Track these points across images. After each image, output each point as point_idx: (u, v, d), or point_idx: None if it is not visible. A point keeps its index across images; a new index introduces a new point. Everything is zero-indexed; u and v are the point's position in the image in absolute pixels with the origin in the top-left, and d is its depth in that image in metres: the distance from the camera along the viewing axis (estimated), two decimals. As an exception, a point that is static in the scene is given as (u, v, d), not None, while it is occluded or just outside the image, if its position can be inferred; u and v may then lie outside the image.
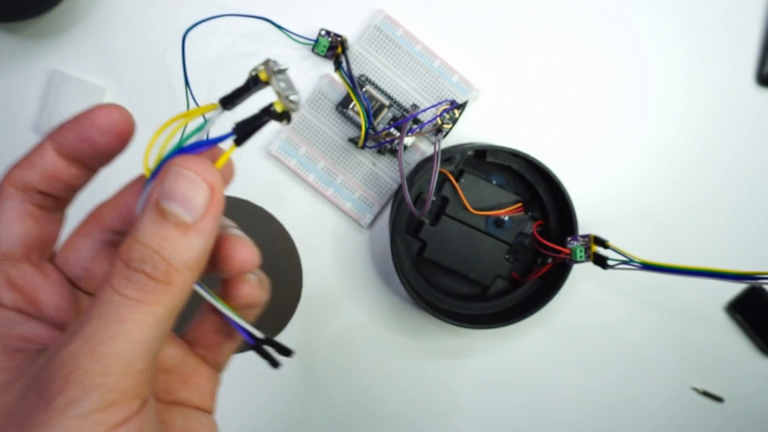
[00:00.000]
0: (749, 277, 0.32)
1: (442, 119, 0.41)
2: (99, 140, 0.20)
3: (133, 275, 0.17)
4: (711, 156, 0.45)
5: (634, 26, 0.44)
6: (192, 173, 0.17)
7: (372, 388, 0.46)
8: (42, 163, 0.20)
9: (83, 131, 0.20)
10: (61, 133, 0.20)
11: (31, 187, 0.20)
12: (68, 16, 0.42)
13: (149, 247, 0.17)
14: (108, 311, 0.16)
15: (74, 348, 0.16)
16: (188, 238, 0.17)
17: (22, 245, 0.20)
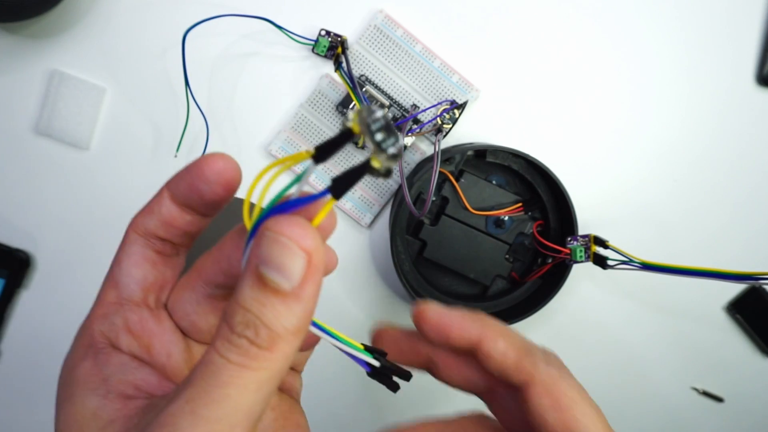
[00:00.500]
0: (749, 278, 0.32)
1: (442, 119, 0.41)
2: (205, 190, 0.20)
3: (236, 339, 0.16)
4: (711, 156, 0.45)
5: (634, 26, 0.43)
6: (286, 239, 0.16)
7: (371, 388, 0.46)
8: (160, 211, 0.20)
9: (192, 181, 0.20)
10: (174, 181, 0.21)
11: (152, 234, 0.21)
12: (68, 16, 0.42)
13: (251, 312, 0.16)
14: (211, 374, 0.16)
15: (176, 408, 0.16)
16: (288, 305, 0.16)
17: (141, 290, 0.21)
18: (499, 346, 0.22)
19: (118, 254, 0.21)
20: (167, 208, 0.20)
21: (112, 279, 0.21)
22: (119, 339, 0.20)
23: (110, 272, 0.21)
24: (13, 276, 0.44)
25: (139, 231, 0.21)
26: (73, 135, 0.43)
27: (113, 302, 0.20)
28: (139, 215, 0.21)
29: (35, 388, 0.45)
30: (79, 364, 0.19)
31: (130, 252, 0.20)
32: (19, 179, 0.44)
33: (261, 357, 0.16)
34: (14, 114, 0.43)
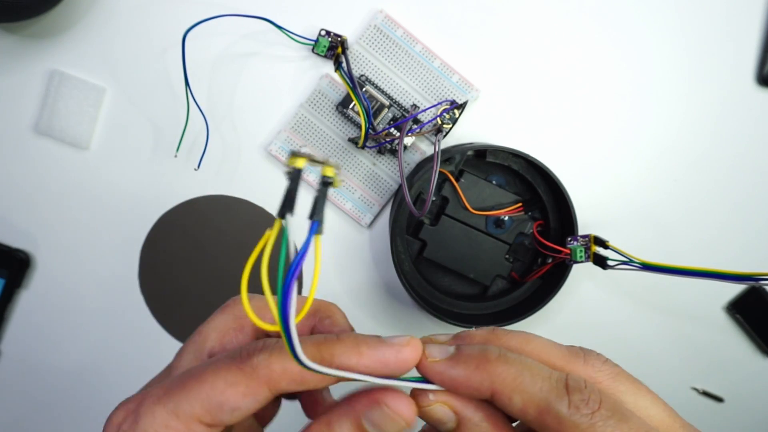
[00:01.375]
0: (749, 278, 0.32)
1: (442, 119, 0.41)
2: None
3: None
4: (711, 156, 0.45)
5: (634, 26, 0.43)
6: (399, 417, 0.21)
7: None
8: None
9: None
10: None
11: (285, 393, 0.22)
12: (68, 16, 0.42)
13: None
14: None
15: None
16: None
17: (235, 423, 0.22)
18: (515, 403, 0.21)
19: (235, 399, 0.21)
20: (321, 382, 0.22)
21: (213, 411, 0.21)
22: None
23: (216, 405, 0.21)
24: (13, 276, 0.44)
25: (274, 391, 0.21)
26: (73, 135, 0.43)
27: (205, 424, 0.21)
28: (284, 379, 0.21)
29: (35, 388, 0.45)
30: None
31: (250, 405, 0.21)
32: (19, 179, 0.44)
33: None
34: (14, 114, 0.43)
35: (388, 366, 0.21)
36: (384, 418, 0.21)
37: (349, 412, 0.21)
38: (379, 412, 0.21)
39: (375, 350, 0.21)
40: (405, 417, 0.21)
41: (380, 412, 0.21)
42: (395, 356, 0.21)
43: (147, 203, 0.45)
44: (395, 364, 0.21)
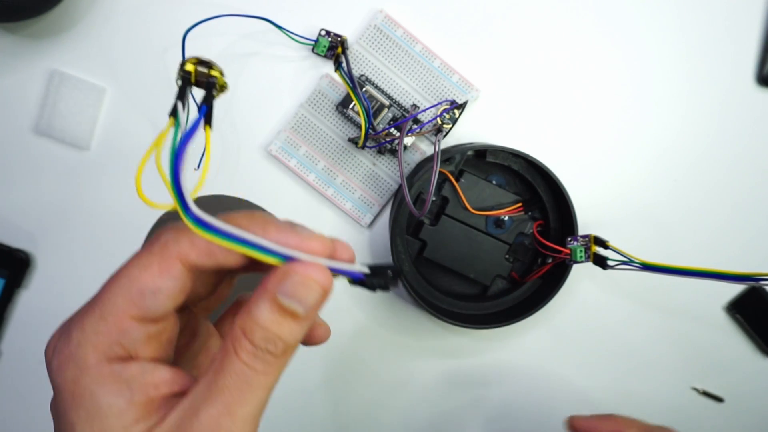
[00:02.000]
0: (749, 278, 0.32)
1: (442, 119, 0.41)
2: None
3: (260, 353, 0.20)
4: (711, 156, 0.45)
5: (634, 26, 0.43)
6: (312, 281, 0.21)
7: (371, 388, 0.46)
8: (220, 254, 0.22)
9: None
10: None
11: (196, 267, 0.22)
12: (68, 16, 0.42)
13: (270, 331, 0.20)
14: (243, 381, 0.20)
15: (216, 412, 0.20)
16: (299, 324, 0.21)
17: (167, 313, 0.22)
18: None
19: (153, 280, 0.21)
20: (235, 260, 0.22)
21: (138, 300, 0.21)
22: (138, 350, 0.22)
23: (137, 292, 0.21)
24: (13, 276, 0.44)
25: (187, 265, 0.21)
26: (73, 135, 0.43)
27: (135, 318, 0.21)
28: (193, 250, 0.21)
29: (35, 388, 0.45)
30: (96, 368, 0.21)
31: (169, 283, 0.21)
32: (19, 179, 0.44)
33: (277, 363, 0.21)
34: (14, 114, 0.43)
35: (290, 250, 0.21)
36: (297, 286, 0.20)
37: (264, 293, 0.21)
38: (291, 281, 0.20)
39: (280, 233, 0.21)
40: (318, 280, 0.21)
41: (292, 281, 0.20)
42: (299, 244, 0.21)
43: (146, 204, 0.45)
44: (298, 250, 0.21)
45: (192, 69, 0.22)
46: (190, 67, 0.22)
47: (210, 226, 0.20)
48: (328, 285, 0.21)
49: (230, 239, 0.20)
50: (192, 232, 0.20)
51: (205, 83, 0.22)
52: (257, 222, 0.22)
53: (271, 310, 0.20)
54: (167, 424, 0.20)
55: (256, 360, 0.20)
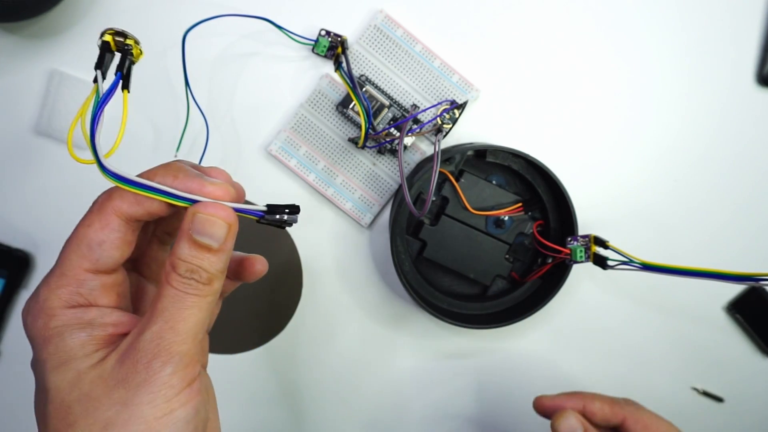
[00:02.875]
0: (749, 278, 0.32)
1: (442, 119, 0.41)
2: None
3: (187, 281, 0.24)
4: (711, 156, 0.45)
5: (634, 27, 0.43)
6: (215, 218, 0.24)
7: (371, 388, 0.46)
8: (151, 206, 0.25)
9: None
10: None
11: (134, 219, 0.25)
12: (68, 16, 0.42)
13: (192, 263, 0.24)
14: (178, 302, 0.24)
15: (158, 327, 0.24)
16: (216, 256, 0.25)
17: (117, 264, 0.26)
18: (596, 405, 0.37)
19: (96, 234, 0.25)
20: (159, 207, 0.25)
21: (87, 254, 0.25)
22: (96, 299, 0.25)
23: (86, 247, 0.25)
24: (13, 276, 0.44)
25: (122, 216, 0.25)
26: (73, 135, 0.43)
27: (89, 270, 0.25)
28: (123, 203, 0.25)
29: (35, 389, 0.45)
30: (61, 313, 0.24)
31: (110, 235, 0.25)
32: (19, 179, 0.44)
33: (206, 289, 0.24)
34: (14, 114, 0.43)
35: (193, 194, 0.24)
36: (204, 223, 0.24)
37: (181, 234, 0.24)
38: (197, 219, 0.24)
39: (185, 179, 0.25)
40: (221, 216, 0.24)
41: (199, 220, 0.24)
42: (199, 189, 0.24)
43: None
44: (201, 196, 0.24)
45: (110, 39, 0.25)
46: (108, 38, 0.25)
47: (124, 178, 0.24)
48: (231, 219, 0.24)
49: (143, 188, 0.24)
50: (117, 187, 0.24)
51: (121, 50, 0.25)
52: (169, 171, 0.25)
53: (189, 246, 0.24)
54: (120, 347, 0.24)
55: (186, 285, 0.24)
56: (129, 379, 0.23)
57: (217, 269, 0.25)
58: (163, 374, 0.23)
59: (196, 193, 0.25)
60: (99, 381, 0.23)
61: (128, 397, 0.23)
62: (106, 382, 0.23)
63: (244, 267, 0.30)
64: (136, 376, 0.23)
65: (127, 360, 0.23)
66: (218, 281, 0.25)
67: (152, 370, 0.23)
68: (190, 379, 0.24)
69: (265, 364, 0.45)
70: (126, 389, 0.23)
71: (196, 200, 0.24)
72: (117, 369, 0.23)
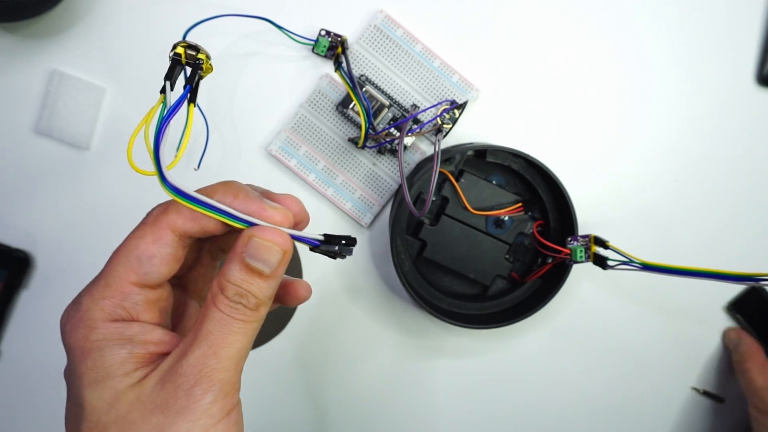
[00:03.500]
0: (749, 278, 0.32)
1: (442, 119, 0.41)
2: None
3: (234, 305, 0.23)
4: (711, 156, 0.45)
5: (634, 27, 0.43)
6: (271, 244, 0.24)
7: (371, 388, 0.46)
8: (207, 224, 0.25)
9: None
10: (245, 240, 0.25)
11: (187, 234, 0.25)
12: (68, 16, 0.42)
13: (241, 287, 0.24)
14: (223, 327, 0.23)
15: (202, 352, 0.23)
16: (266, 282, 0.24)
17: (164, 279, 0.25)
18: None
19: (147, 247, 0.24)
20: (215, 226, 0.24)
21: (136, 267, 0.24)
22: (139, 314, 0.24)
23: (135, 259, 0.24)
24: (13, 276, 0.44)
25: (176, 232, 0.24)
26: (73, 135, 0.43)
27: (135, 283, 0.24)
28: (179, 218, 0.24)
29: (35, 388, 0.45)
30: (102, 326, 0.24)
31: (162, 250, 0.24)
32: (19, 179, 0.44)
33: (253, 315, 0.24)
34: (14, 114, 0.43)
35: (252, 216, 0.24)
36: (258, 247, 0.23)
37: (234, 255, 0.24)
38: (253, 243, 0.23)
39: (246, 202, 0.24)
40: (276, 242, 0.24)
41: (254, 244, 0.23)
42: (259, 212, 0.24)
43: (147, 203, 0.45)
44: (260, 219, 0.24)
45: (182, 51, 0.25)
46: (180, 50, 0.25)
47: (184, 193, 0.23)
48: (286, 247, 0.24)
49: (201, 206, 0.23)
50: (173, 200, 0.23)
51: (192, 64, 0.25)
52: (230, 190, 0.25)
53: (240, 269, 0.24)
54: (161, 368, 0.23)
55: (233, 310, 0.23)
56: (168, 405, 0.22)
57: (266, 295, 0.24)
58: (203, 402, 0.22)
59: (255, 216, 0.24)
60: (137, 403, 0.23)
61: (166, 423, 0.22)
62: (145, 405, 0.23)
63: (287, 291, 0.30)
64: (176, 402, 0.22)
65: (167, 383, 0.23)
66: (265, 308, 0.24)
67: (193, 398, 0.22)
68: (229, 408, 0.23)
69: (265, 364, 0.45)
70: (165, 415, 0.22)
71: (254, 223, 0.24)
72: (156, 392, 0.23)
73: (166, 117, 0.24)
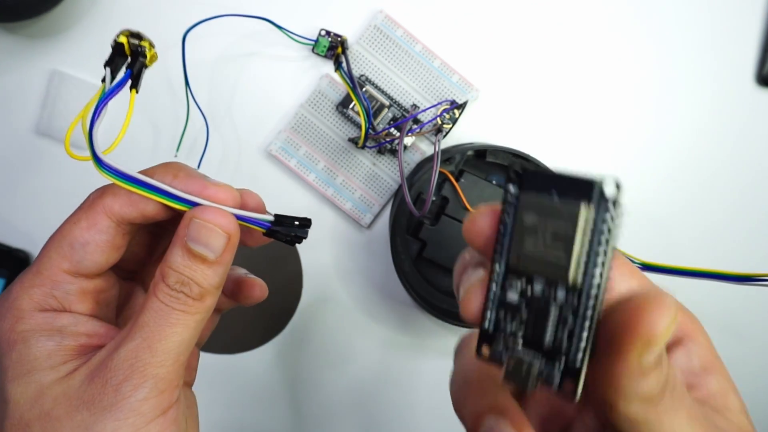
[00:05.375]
0: (749, 279, 0.32)
1: (442, 119, 0.41)
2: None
3: (175, 294, 0.21)
4: (711, 156, 0.45)
5: (633, 27, 0.43)
6: (213, 225, 0.22)
7: (371, 388, 0.46)
8: (146, 208, 0.23)
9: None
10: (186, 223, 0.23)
11: (126, 221, 0.23)
12: (68, 16, 0.42)
13: (183, 274, 0.22)
14: (161, 317, 0.21)
15: (135, 345, 0.21)
16: (213, 269, 0.22)
17: (100, 269, 0.23)
18: None
19: (81, 233, 0.22)
20: (155, 209, 0.23)
21: (69, 254, 0.22)
22: (72, 304, 0.23)
23: (68, 246, 0.22)
24: (13, 276, 0.44)
25: (113, 217, 0.23)
26: (73, 135, 0.43)
27: (68, 271, 0.23)
28: (116, 202, 0.23)
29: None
30: (30, 316, 0.22)
31: (96, 236, 0.23)
32: (19, 179, 0.44)
33: (195, 305, 0.22)
34: (14, 114, 0.43)
35: (193, 196, 0.22)
36: (201, 230, 0.21)
37: (176, 240, 0.22)
38: (195, 225, 0.22)
39: (186, 179, 0.22)
40: (219, 224, 0.22)
41: (196, 227, 0.21)
42: (200, 190, 0.22)
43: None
44: (201, 198, 0.22)
45: (124, 41, 0.23)
46: (122, 39, 0.23)
47: (119, 172, 0.22)
48: (230, 229, 0.22)
49: (140, 186, 0.22)
50: (111, 184, 0.22)
51: (134, 52, 0.24)
52: (169, 170, 0.23)
53: (182, 255, 0.22)
54: (92, 362, 0.21)
55: (173, 300, 0.22)
56: (95, 401, 0.21)
57: (210, 284, 0.22)
58: (132, 399, 0.21)
59: (196, 195, 0.22)
60: (63, 399, 0.21)
61: (92, 421, 0.20)
62: (70, 400, 0.21)
63: (240, 289, 0.28)
64: (103, 399, 0.21)
65: (96, 378, 0.21)
66: (211, 298, 0.22)
67: (121, 394, 0.21)
68: (165, 406, 0.21)
69: (265, 364, 0.45)
70: (90, 412, 0.21)
71: (196, 203, 0.22)
72: (84, 387, 0.21)
73: (103, 98, 0.23)
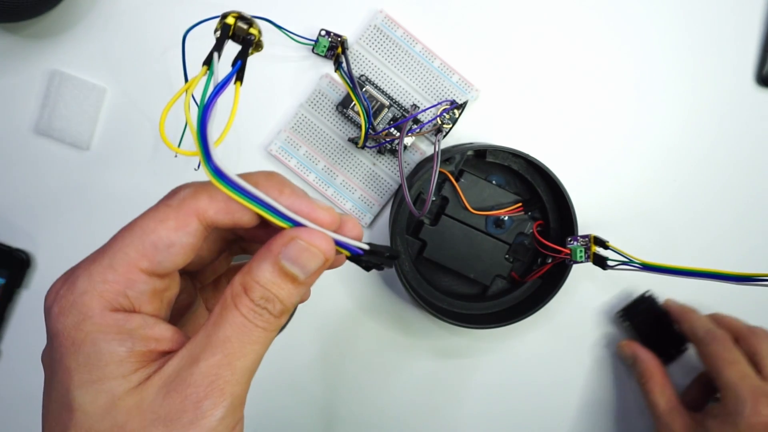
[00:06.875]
0: (749, 279, 0.32)
1: (442, 119, 0.41)
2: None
3: (259, 310, 0.21)
4: (711, 156, 0.45)
5: (634, 27, 0.43)
6: (315, 249, 0.21)
7: (372, 388, 0.46)
8: (241, 216, 0.22)
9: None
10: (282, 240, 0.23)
11: (213, 225, 0.22)
12: (68, 16, 0.42)
13: (270, 291, 0.21)
14: (244, 334, 0.21)
15: (216, 361, 0.20)
16: (297, 288, 0.22)
17: (177, 270, 0.22)
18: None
19: (168, 234, 0.21)
20: (249, 219, 0.21)
21: (151, 253, 0.21)
22: (142, 305, 0.21)
23: (151, 245, 0.21)
24: (13, 276, 0.44)
25: (204, 221, 0.21)
26: (73, 135, 0.43)
27: (145, 271, 0.21)
28: (211, 206, 0.21)
29: (35, 388, 0.45)
30: (99, 315, 0.20)
31: (184, 239, 0.21)
32: (19, 179, 0.44)
33: (275, 322, 0.22)
34: (14, 114, 0.43)
35: (300, 216, 0.21)
36: (300, 251, 0.21)
37: (267, 254, 0.21)
38: (295, 246, 0.21)
39: (293, 198, 0.22)
40: (321, 248, 0.21)
41: (296, 247, 0.21)
42: (308, 212, 0.22)
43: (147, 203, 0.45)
44: (307, 218, 0.22)
45: (232, 22, 0.22)
46: (230, 20, 0.22)
47: (229, 179, 0.20)
48: (330, 254, 0.21)
49: (246, 196, 0.20)
50: (211, 187, 0.20)
51: (242, 39, 0.22)
52: (274, 183, 0.22)
53: (272, 271, 0.21)
54: (165, 372, 0.20)
55: (256, 316, 0.21)
56: (173, 417, 0.20)
57: (293, 303, 0.22)
58: (213, 419, 0.20)
59: (303, 216, 0.21)
60: (137, 411, 0.20)
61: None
62: (145, 414, 0.20)
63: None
64: (182, 416, 0.20)
65: (173, 392, 0.20)
66: (286, 317, 0.22)
67: (201, 412, 0.20)
68: (235, 423, 0.21)
69: (264, 363, 0.45)
70: (168, 429, 0.20)
71: (300, 223, 0.21)
72: (160, 401, 0.20)
73: (215, 92, 0.21)
